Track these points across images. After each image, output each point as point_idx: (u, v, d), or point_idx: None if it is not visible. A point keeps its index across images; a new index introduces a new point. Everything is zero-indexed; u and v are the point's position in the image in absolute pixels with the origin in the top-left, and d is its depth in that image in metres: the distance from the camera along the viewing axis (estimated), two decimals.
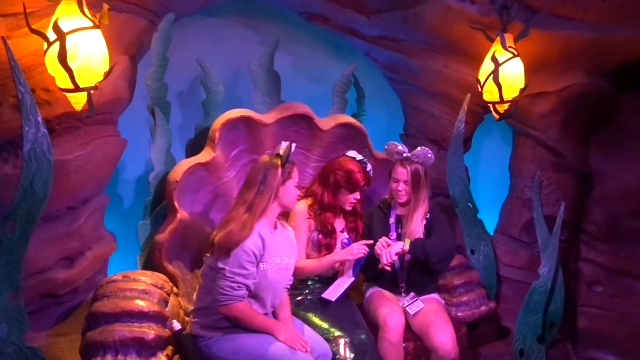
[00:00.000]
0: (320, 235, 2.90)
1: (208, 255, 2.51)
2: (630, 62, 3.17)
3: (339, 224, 2.98)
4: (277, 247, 2.51)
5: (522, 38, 2.97)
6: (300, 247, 2.84)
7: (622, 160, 3.45)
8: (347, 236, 2.98)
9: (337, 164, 2.92)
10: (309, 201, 2.94)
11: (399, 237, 2.96)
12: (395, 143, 2.97)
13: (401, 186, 2.93)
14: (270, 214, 2.51)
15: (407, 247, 2.82)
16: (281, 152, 2.49)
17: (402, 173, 2.93)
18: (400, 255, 2.86)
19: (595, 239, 3.53)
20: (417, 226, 2.93)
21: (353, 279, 2.84)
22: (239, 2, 3.49)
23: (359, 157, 2.95)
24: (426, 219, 2.96)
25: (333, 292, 2.80)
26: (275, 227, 2.56)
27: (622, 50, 3.08)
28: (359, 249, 2.75)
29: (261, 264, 2.44)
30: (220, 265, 2.38)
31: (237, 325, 2.44)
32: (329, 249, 2.90)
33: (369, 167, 2.95)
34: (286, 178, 2.49)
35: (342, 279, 2.88)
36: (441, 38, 3.26)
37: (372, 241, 2.82)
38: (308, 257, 2.90)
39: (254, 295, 2.46)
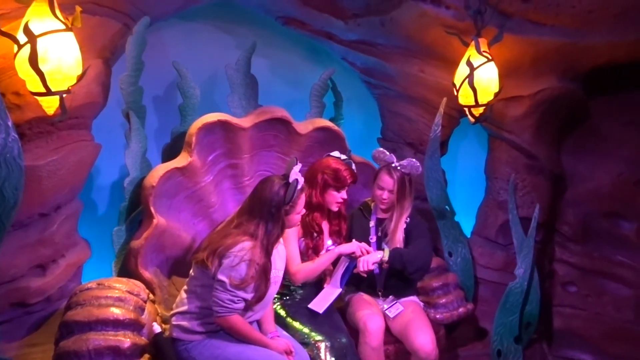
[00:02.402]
0: (307, 240, 2.89)
1: (207, 263, 2.40)
2: (599, 66, 3.24)
3: (324, 226, 2.98)
4: (272, 261, 2.50)
5: (496, 43, 3.02)
6: (295, 253, 2.83)
7: (594, 163, 3.53)
8: (332, 241, 2.97)
9: (324, 164, 2.92)
10: None
11: (379, 241, 2.97)
12: (384, 151, 2.98)
13: (386, 195, 2.95)
14: None
15: (386, 257, 2.84)
16: (290, 179, 2.43)
17: (389, 182, 2.94)
18: (379, 263, 2.87)
19: (569, 240, 3.59)
20: (399, 233, 2.94)
21: (341, 290, 2.84)
22: (215, 6, 3.47)
23: (343, 156, 2.97)
24: (406, 222, 2.98)
25: (321, 304, 2.78)
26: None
27: (592, 55, 3.16)
28: (360, 245, 2.78)
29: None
30: (222, 278, 2.35)
31: (230, 335, 2.43)
32: (317, 251, 2.89)
33: (353, 165, 2.98)
34: (287, 213, 2.46)
35: (328, 289, 2.86)
36: (417, 43, 3.29)
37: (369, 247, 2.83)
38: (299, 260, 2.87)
39: (246, 306, 2.44)
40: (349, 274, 2.85)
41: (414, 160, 2.96)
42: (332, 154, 2.98)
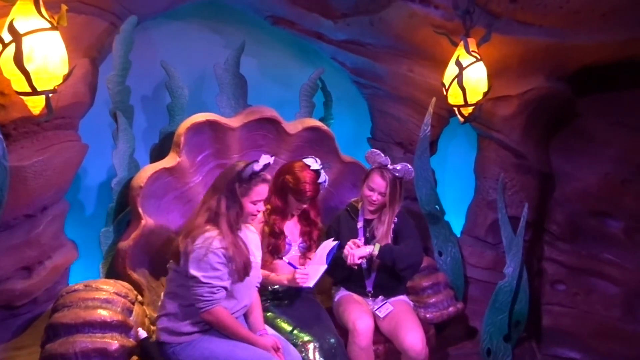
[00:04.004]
0: (269, 238, 2.87)
1: (173, 262, 2.45)
2: (586, 66, 3.27)
3: (292, 227, 2.94)
4: (246, 245, 2.46)
5: (484, 43, 3.03)
6: None
7: (582, 162, 3.56)
8: (301, 240, 2.95)
9: (290, 168, 2.87)
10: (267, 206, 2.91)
11: (367, 242, 2.96)
12: (379, 153, 2.94)
13: (375, 196, 2.92)
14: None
15: (376, 252, 2.84)
16: (255, 165, 2.43)
17: (380, 184, 2.91)
18: (368, 258, 2.86)
19: (558, 238, 3.62)
20: (387, 232, 2.93)
21: (326, 265, 2.78)
22: (203, 5, 3.45)
23: (315, 166, 2.86)
24: (394, 222, 2.97)
25: (309, 280, 2.72)
26: (239, 229, 2.51)
27: (579, 55, 3.18)
28: (301, 278, 2.70)
29: (230, 263, 2.39)
30: (194, 273, 2.34)
31: (218, 330, 2.42)
32: (277, 251, 2.86)
33: (322, 177, 2.86)
34: (243, 194, 2.42)
35: (314, 266, 2.79)
36: (406, 42, 3.30)
37: (307, 274, 2.73)
38: (264, 262, 2.85)
39: (229, 296, 2.42)
40: (334, 252, 2.81)
41: (408, 165, 2.94)
42: (305, 160, 2.89)
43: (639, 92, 3.40)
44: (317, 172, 2.84)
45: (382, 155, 2.95)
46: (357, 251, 2.82)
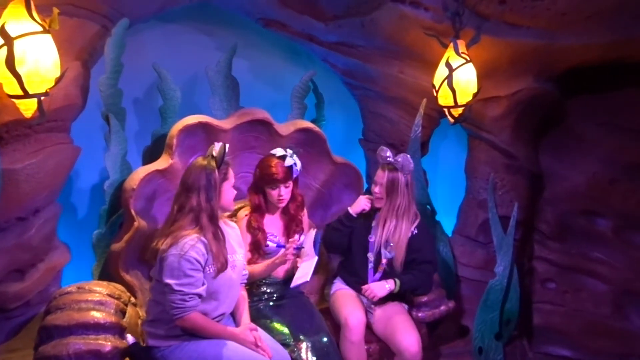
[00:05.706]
0: (252, 236, 2.88)
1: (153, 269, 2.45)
2: (575, 67, 3.31)
3: (274, 223, 2.95)
4: (226, 240, 2.45)
5: (473, 44, 3.06)
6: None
7: (571, 162, 3.60)
8: (284, 234, 2.95)
9: (259, 162, 2.93)
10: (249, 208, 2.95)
11: (372, 244, 2.95)
12: (382, 148, 2.98)
13: (378, 189, 2.94)
14: None
15: (396, 290, 2.86)
16: (214, 153, 2.43)
17: (380, 176, 2.94)
18: (374, 254, 2.88)
19: (548, 237, 3.66)
20: (401, 239, 2.90)
21: (317, 257, 2.79)
22: (195, 8, 3.46)
23: (280, 152, 2.90)
24: (412, 232, 2.93)
25: (303, 276, 2.74)
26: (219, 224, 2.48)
27: (567, 56, 3.22)
28: (287, 254, 2.71)
29: (207, 267, 2.39)
30: (167, 280, 2.34)
31: (195, 335, 2.42)
32: (257, 247, 2.87)
33: (290, 161, 2.84)
34: (222, 179, 2.44)
35: (305, 263, 2.80)
36: (397, 44, 3.33)
37: (299, 240, 2.75)
38: (250, 260, 2.86)
39: (209, 299, 2.43)
40: (319, 241, 2.81)
41: (407, 155, 2.94)
42: (272, 151, 2.93)
43: (626, 93, 3.45)
44: (282, 157, 2.87)
45: (386, 150, 2.97)
46: (378, 291, 2.83)
